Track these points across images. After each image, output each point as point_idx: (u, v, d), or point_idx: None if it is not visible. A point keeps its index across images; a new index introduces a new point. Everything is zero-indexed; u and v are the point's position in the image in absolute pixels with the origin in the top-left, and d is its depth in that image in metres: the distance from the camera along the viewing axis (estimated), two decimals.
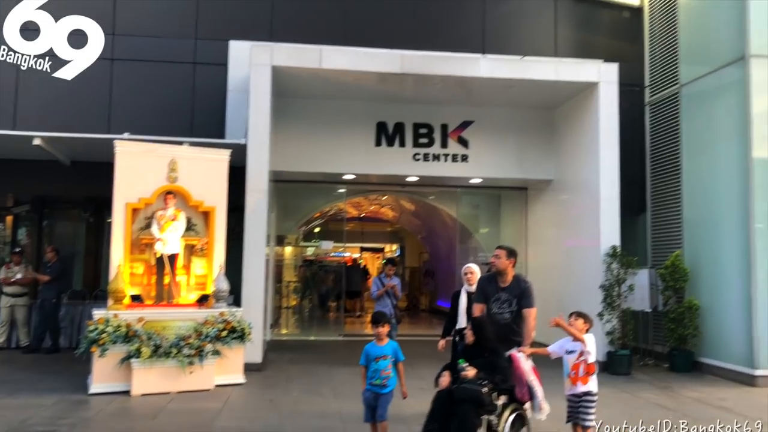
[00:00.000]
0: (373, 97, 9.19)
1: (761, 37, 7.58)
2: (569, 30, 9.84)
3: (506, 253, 4.63)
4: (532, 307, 4.57)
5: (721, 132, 8.10)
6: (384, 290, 7.38)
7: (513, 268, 4.66)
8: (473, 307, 4.80)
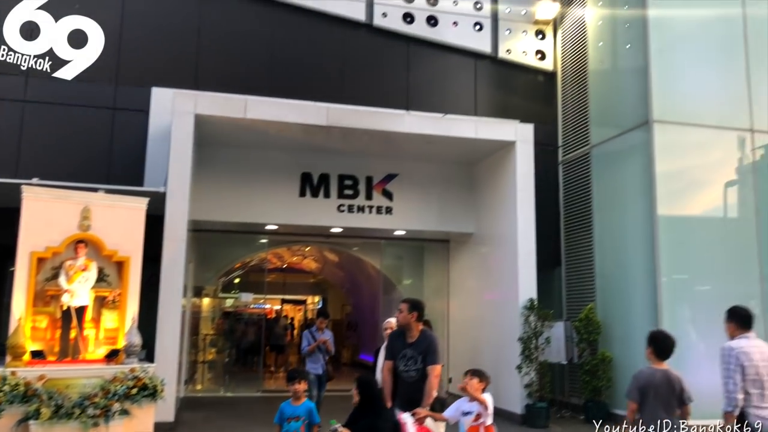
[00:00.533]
0: (299, 147, 9.21)
1: (663, 104, 8.19)
2: (488, 91, 10.28)
3: (408, 307, 4.40)
4: (436, 365, 4.27)
5: (629, 190, 8.60)
6: (315, 345, 7.14)
7: (418, 322, 4.39)
8: (381, 364, 4.54)
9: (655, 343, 4.04)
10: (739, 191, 8.54)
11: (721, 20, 8.69)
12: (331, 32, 9.67)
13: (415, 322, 4.38)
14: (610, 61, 9.41)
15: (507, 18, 10.27)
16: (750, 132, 8.48)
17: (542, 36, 10.41)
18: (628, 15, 8.88)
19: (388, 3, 9.78)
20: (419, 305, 4.45)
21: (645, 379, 3.96)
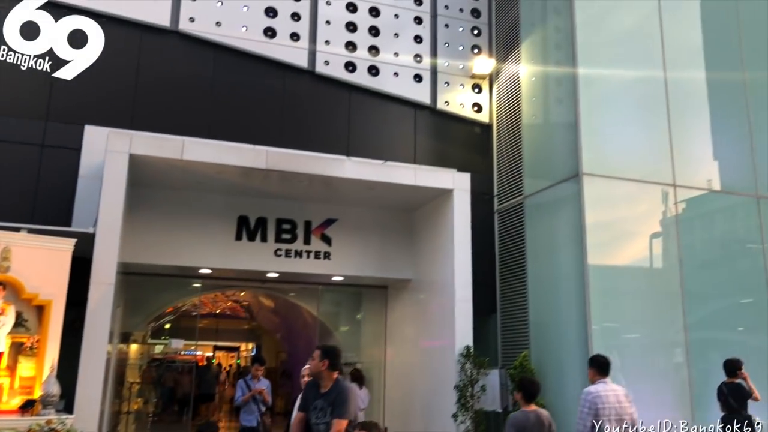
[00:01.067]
0: (236, 190, 9.10)
1: (591, 158, 8.56)
2: (428, 140, 10.50)
3: (320, 354, 4.22)
4: (342, 418, 4.03)
5: (560, 240, 8.86)
6: (250, 395, 6.83)
7: (331, 370, 4.20)
8: (294, 416, 4.33)
9: (524, 388, 4.55)
10: (663, 242, 8.95)
11: (645, 81, 9.23)
12: (273, 77, 9.71)
13: (327, 371, 4.18)
14: (542, 115, 9.81)
15: (445, 71, 10.60)
16: (673, 187, 8.94)
17: (479, 90, 10.77)
18: (559, 73, 9.32)
19: (331, 51, 9.94)
20: (332, 352, 4.28)
21: (520, 422, 4.40)
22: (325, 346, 4.39)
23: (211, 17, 9.43)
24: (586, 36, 8.93)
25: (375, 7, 10.35)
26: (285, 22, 9.78)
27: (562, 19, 9.26)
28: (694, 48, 9.77)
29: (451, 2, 10.87)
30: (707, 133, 9.58)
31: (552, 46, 9.60)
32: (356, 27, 10.17)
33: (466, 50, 10.82)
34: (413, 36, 10.54)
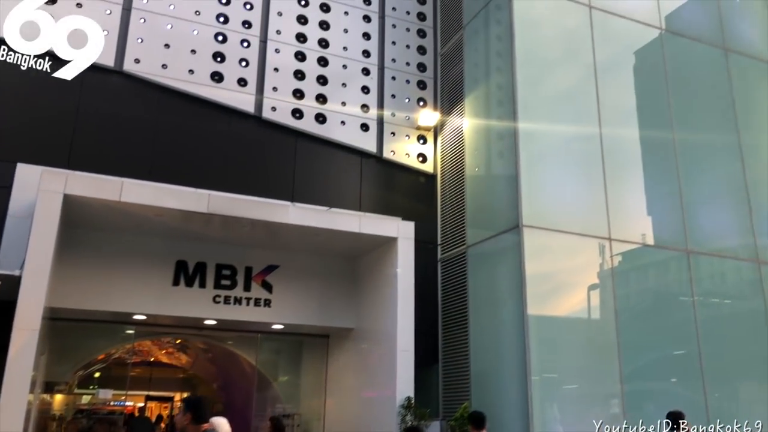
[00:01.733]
0: (176, 234, 8.87)
1: (531, 210, 8.77)
2: (373, 188, 10.56)
3: (183, 407, 3.98)
4: None
5: (502, 290, 8.96)
6: None
7: (196, 424, 3.90)
8: None
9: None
10: (601, 294, 9.16)
11: (582, 138, 9.61)
12: (218, 121, 9.65)
13: (192, 426, 3.91)
14: (484, 167, 10.04)
15: (392, 122, 10.77)
16: (608, 240, 9.23)
17: (424, 141, 10.97)
18: (501, 127, 9.60)
19: (278, 98, 9.98)
20: (195, 404, 4.02)
21: None
22: (188, 399, 4.19)
23: (157, 59, 9.35)
24: (527, 94, 9.28)
25: (324, 57, 10.49)
26: (233, 67, 9.79)
27: (503, 77, 9.60)
28: (628, 108, 10.26)
29: (398, 56, 11.14)
30: (641, 189, 9.99)
31: (494, 102, 9.92)
32: (304, 75, 10.27)
33: (413, 102, 11.06)
34: (361, 86, 10.71)
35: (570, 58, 10.07)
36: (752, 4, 12.31)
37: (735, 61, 11.28)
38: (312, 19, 10.60)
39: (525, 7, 9.68)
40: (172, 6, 9.61)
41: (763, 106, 11.53)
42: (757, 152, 10.96)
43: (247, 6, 10.15)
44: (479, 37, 10.50)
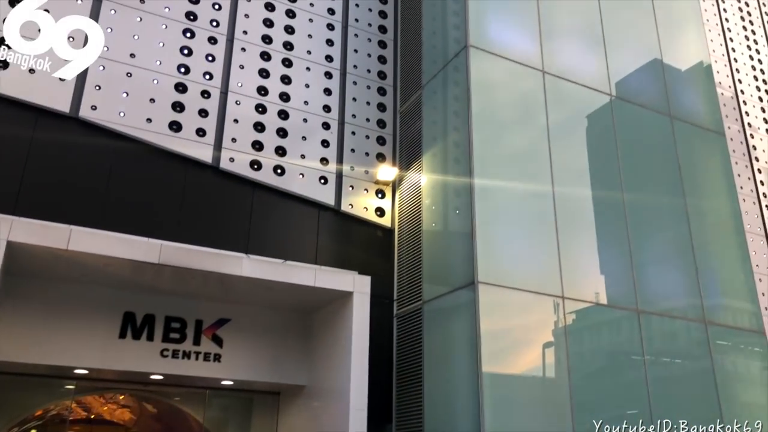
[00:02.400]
0: (125, 285, 8.62)
1: (486, 267, 8.83)
2: (330, 241, 10.51)
3: None
4: None
5: (457, 347, 8.91)
6: None
7: None
8: None
9: None
10: (555, 352, 9.19)
11: (536, 196, 9.82)
12: (174, 170, 9.53)
13: None
14: (441, 223, 10.12)
15: (351, 175, 10.84)
16: (562, 299, 9.33)
17: (382, 195, 11.04)
18: (457, 184, 9.75)
19: (237, 149, 9.95)
20: None
21: None
22: None
23: (115, 107, 9.26)
24: (482, 152, 9.48)
25: (284, 111, 10.57)
26: (192, 117, 9.76)
27: (460, 135, 9.81)
28: (580, 169, 10.56)
29: (358, 112, 11.31)
30: (593, 248, 10.19)
31: (451, 159, 10.10)
32: (264, 127, 10.30)
33: (372, 157, 11.17)
34: (321, 140, 10.78)
35: (524, 120, 10.39)
36: (696, 75, 13.00)
37: (680, 128, 11.81)
38: (274, 73, 10.71)
39: (481, 70, 10.01)
40: (133, 55, 9.60)
41: (706, 173, 12.04)
42: (702, 216, 11.37)
43: (209, 58, 10.22)
44: (437, 96, 10.76)
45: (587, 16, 11.66)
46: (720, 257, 11.43)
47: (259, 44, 10.75)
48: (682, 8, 13.35)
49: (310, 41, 11.27)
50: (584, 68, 11.17)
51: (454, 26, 10.59)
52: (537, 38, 10.74)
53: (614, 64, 11.52)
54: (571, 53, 11.24)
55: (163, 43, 9.91)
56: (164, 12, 10.06)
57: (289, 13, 11.24)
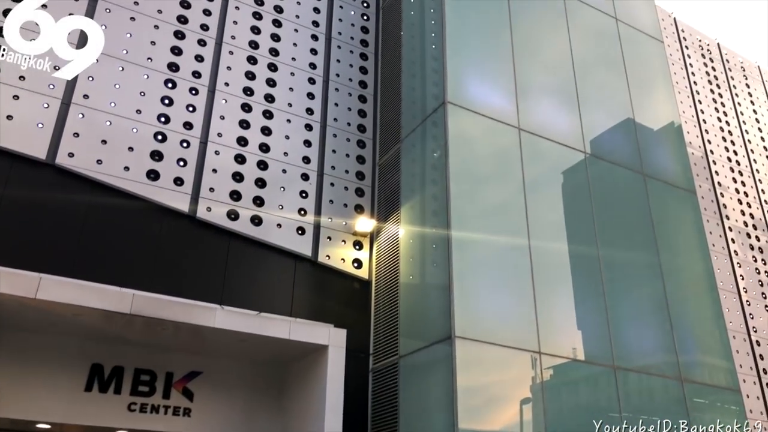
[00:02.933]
0: (93, 335, 8.41)
1: (463, 321, 8.78)
2: (306, 293, 10.40)
3: None
4: None
5: (433, 403, 8.76)
6: None
7: None
8: None
9: None
10: (533, 409, 9.07)
11: (513, 251, 9.87)
12: (150, 218, 9.45)
13: None
14: (419, 276, 10.10)
15: (329, 226, 10.83)
16: (539, 354, 9.28)
17: (360, 246, 11.03)
18: (435, 236, 9.79)
19: (214, 199, 9.92)
20: None
21: None
22: None
23: (92, 155, 9.22)
24: (460, 205, 9.57)
25: (264, 161, 10.61)
26: (170, 166, 9.75)
27: (438, 188, 9.91)
28: (556, 224, 10.69)
29: (337, 164, 11.39)
30: (570, 303, 10.22)
31: (429, 212, 10.16)
32: (243, 177, 10.30)
33: (350, 208, 11.20)
34: (299, 191, 10.81)
35: (501, 174, 10.54)
36: (667, 135, 13.37)
37: (653, 185, 12.07)
38: (254, 124, 10.80)
39: (459, 125, 10.20)
40: (113, 104, 9.63)
41: (679, 230, 12.26)
42: (676, 273, 11.51)
43: (190, 108, 10.29)
44: (416, 150, 10.91)
45: (561, 76, 12.03)
46: (694, 314, 11.52)
47: (241, 96, 10.87)
48: (652, 70, 13.84)
49: (291, 94, 11.43)
50: (559, 126, 11.45)
51: (433, 83, 10.83)
52: (513, 96, 11.03)
53: (588, 123, 11.83)
54: (546, 111, 11.54)
55: (144, 92, 9.97)
56: (146, 62, 10.17)
57: (271, 66, 11.42)
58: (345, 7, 12.85)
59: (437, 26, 11.06)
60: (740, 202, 16.11)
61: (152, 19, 10.47)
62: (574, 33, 12.58)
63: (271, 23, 11.77)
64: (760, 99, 19.19)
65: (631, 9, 13.99)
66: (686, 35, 18.36)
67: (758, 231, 15.95)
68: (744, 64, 19.65)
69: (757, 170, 17.21)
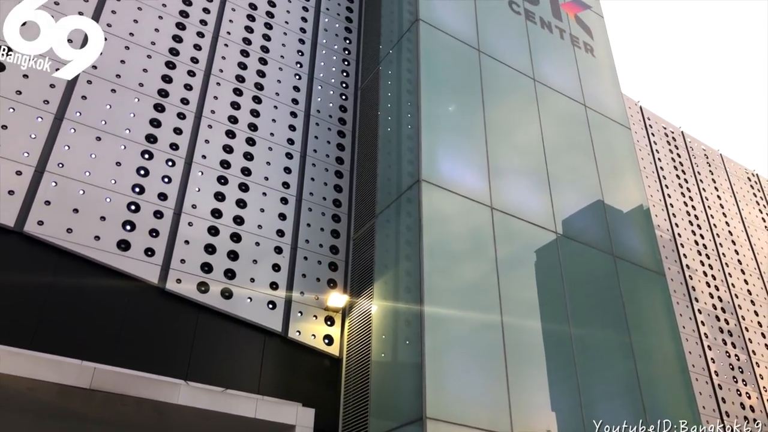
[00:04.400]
0: (48, 412, 8.03)
1: (435, 401, 8.58)
2: (274, 369, 10.13)
3: None
4: None
5: None
6: None
7: None
8: None
9: None
10: None
11: (486, 329, 9.81)
12: (118, 289, 9.25)
13: None
14: (390, 354, 9.94)
15: (300, 301, 10.70)
16: None
17: (331, 322, 10.87)
18: (408, 313, 9.71)
19: (185, 270, 9.78)
20: None
21: None
22: None
23: (62, 223, 9.11)
24: (433, 282, 9.56)
25: (237, 234, 10.58)
26: (142, 236, 9.65)
27: (412, 264, 9.92)
28: (529, 303, 10.70)
29: (311, 237, 11.39)
30: (543, 383, 10.08)
31: (403, 288, 10.13)
32: (215, 249, 10.22)
33: (323, 283, 11.11)
34: (272, 264, 10.73)
35: (475, 252, 10.62)
36: (636, 217, 13.69)
37: (623, 267, 12.24)
38: (230, 197, 10.82)
39: (433, 202, 10.35)
40: (88, 173, 9.61)
41: (650, 311, 12.35)
42: (647, 354, 11.50)
43: (165, 179, 10.30)
44: (390, 225, 10.99)
45: (533, 158, 12.38)
46: (667, 396, 11.44)
47: (218, 168, 10.94)
48: (620, 155, 14.31)
49: (268, 168, 11.54)
50: (531, 206, 11.67)
51: (408, 161, 11.05)
52: (486, 176, 11.27)
53: (559, 204, 12.09)
54: (519, 191, 11.78)
55: (120, 162, 9.99)
56: (124, 133, 10.24)
57: (250, 141, 11.57)
58: (324, 87, 13.22)
59: (413, 107, 11.40)
60: (708, 285, 16.38)
61: (133, 92, 10.63)
62: (545, 117, 13.06)
63: (251, 99, 12.02)
64: (723, 186, 19.90)
65: (598, 96, 14.62)
66: (652, 123, 19.18)
67: (727, 314, 16.16)
68: (707, 152, 20.48)
69: (724, 254, 17.62)
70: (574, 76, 14.38)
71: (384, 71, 12.91)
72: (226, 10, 12.65)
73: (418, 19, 12.23)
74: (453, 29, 12.67)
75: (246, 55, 12.43)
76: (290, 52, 13.09)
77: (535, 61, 13.72)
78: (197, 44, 11.87)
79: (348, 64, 13.95)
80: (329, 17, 14.23)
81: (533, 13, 14.67)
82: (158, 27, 11.44)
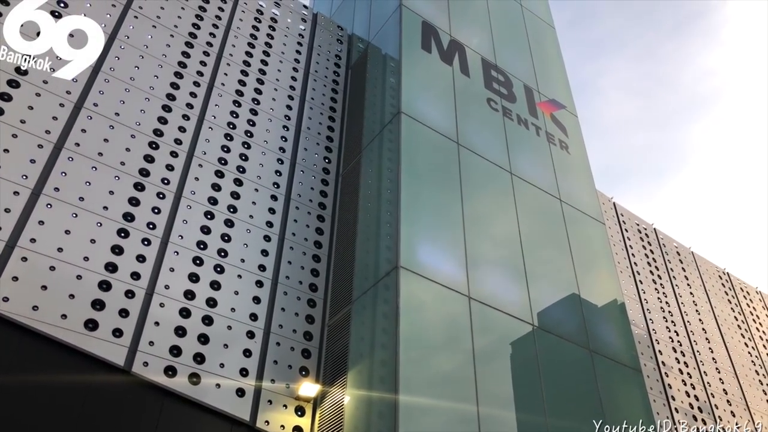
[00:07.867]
0: None
1: None
2: None
3: None
4: None
5: None
6: None
7: None
8: None
9: None
10: None
11: (461, 420, 9.51)
12: (81, 371, 8.85)
13: None
14: None
15: (270, 389, 10.33)
16: None
17: (302, 413, 10.47)
18: (382, 404, 9.39)
19: (153, 353, 9.45)
20: None
21: None
22: None
23: (29, 300, 8.82)
24: (409, 372, 9.34)
25: (209, 316, 10.34)
26: (111, 316, 9.37)
27: (387, 353, 9.72)
28: (505, 395, 10.47)
29: (285, 322, 11.17)
30: None
31: (377, 378, 9.87)
32: (186, 332, 9.94)
33: (295, 371, 10.79)
34: (243, 349, 10.43)
35: (451, 342, 10.47)
36: (611, 312, 13.71)
37: (599, 361, 12.12)
38: (204, 278, 10.65)
39: (410, 289, 10.29)
40: (60, 249, 9.44)
41: (627, 407, 12.12)
42: None
43: (140, 258, 10.14)
44: (367, 312, 10.84)
45: (509, 249, 12.48)
46: None
47: (194, 249, 10.82)
48: (594, 249, 14.51)
49: (246, 250, 11.45)
50: (508, 297, 11.65)
51: (387, 247, 11.07)
52: (463, 265, 11.30)
53: (535, 295, 12.09)
54: (495, 282, 11.79)
55: (95, 239, 9.84)
56: (101, 210, 10.16)
57: (228, 222, 11.54)
58: (306, 171, 13.39)
59: (393, 195, 11.55)
60: (684, 383, 16.24)
61: (113, 170, 10.64)
62: (522, 210, 13.29)
63: (233, 181, 12.09)
64: (695, 283, 20.16)
65: (573, 191, 14.98)
66: (625, 219, 19.61)
67: (704, 414, 15.92)
68: (679, 249, 20.87)
69: (698, 351, 17.59)
70: (550, 172, 14.78)
71: (365, 159, 13.17)
72: (213, 95, 12.95)
73: (400, 112, 12.62)
74: (433, 122, 13.07)
75: (230, 138, 12.62)
76: (274, 138, 13.33)
77: (512, 156, 14.12)
78: (182, 126, 12.04)
79: (330, 150, 14.21)
80: (314, 105, 14.62)
81: (510, 110, 15.25)
82: (144, 108, 11.61)
